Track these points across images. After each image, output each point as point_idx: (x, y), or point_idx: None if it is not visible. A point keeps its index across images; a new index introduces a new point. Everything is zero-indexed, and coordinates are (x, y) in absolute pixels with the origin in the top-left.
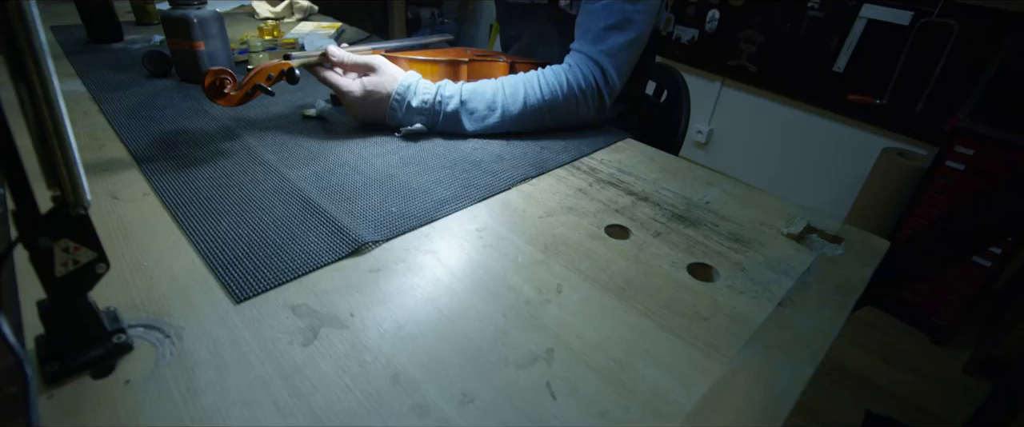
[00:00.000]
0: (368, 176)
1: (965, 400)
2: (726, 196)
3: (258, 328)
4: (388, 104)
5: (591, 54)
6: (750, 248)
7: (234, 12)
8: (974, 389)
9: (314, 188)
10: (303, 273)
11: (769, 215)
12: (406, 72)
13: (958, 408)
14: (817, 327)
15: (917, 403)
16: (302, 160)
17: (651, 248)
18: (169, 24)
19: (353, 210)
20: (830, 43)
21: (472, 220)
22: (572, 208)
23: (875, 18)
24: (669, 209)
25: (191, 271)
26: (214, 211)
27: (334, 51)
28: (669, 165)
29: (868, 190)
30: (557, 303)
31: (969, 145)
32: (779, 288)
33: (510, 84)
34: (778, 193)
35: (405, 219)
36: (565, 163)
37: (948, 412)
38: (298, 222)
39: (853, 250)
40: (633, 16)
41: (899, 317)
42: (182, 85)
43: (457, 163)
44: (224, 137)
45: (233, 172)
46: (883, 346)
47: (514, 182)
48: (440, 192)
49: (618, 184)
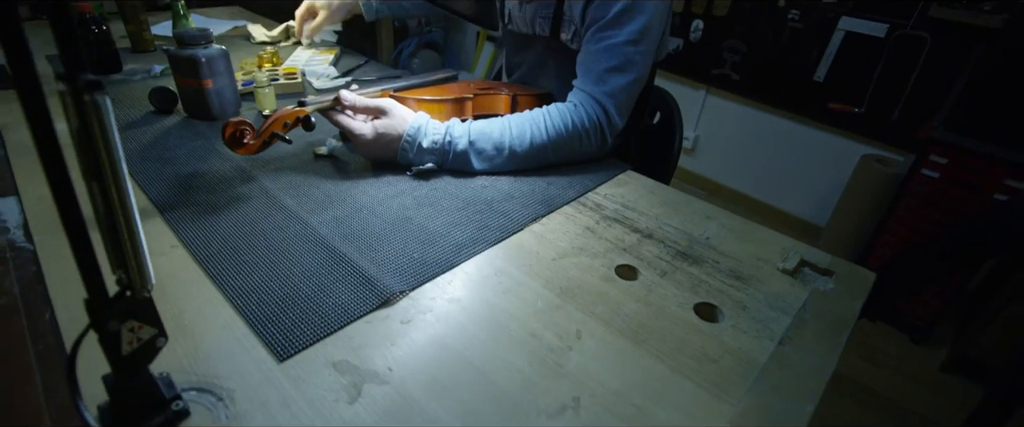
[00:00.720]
0: (386, 220)
1: (944, 398)
2: (724, 230)
3: (304, 387)
4: (399, 145)
5: (594, 94)
6: (749, 285)
7: (229, 35)
8: (952, 387)
9: (336, 234)
10: (338, 327)
11: (765, 249)
12: (416, 113)
13: (938, 406)
14: (814, 366)
15: (900, 402)
16: (320, 204)
17: (659, 289)
18: (177, 63)
19: (376, 258)
20: (810, 53)
21: (490, 264)
22: (582, 248)
23: (853, 30)
24: (673, 246)
25: (231, 329)
26: (244, 263)
27: (346, 96)
28: (669, 199)
29: (849, 195)
30: (578, 349)
31: (943, 155)
32: (778, 326)
33: (516, 124)
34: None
35: (427, 266)
36: (572, 199)
37: (931, 410)
38: (326, 273)
39: (843, 284)
40: (634, 58)
41: (881, 318)
42: (189, 121)
43: (469, 203)
44: (240, 179)
45: (255, 218)
46: (866, 346)
47: (525, 222)
48: (457, 235)
49: (623, 221)
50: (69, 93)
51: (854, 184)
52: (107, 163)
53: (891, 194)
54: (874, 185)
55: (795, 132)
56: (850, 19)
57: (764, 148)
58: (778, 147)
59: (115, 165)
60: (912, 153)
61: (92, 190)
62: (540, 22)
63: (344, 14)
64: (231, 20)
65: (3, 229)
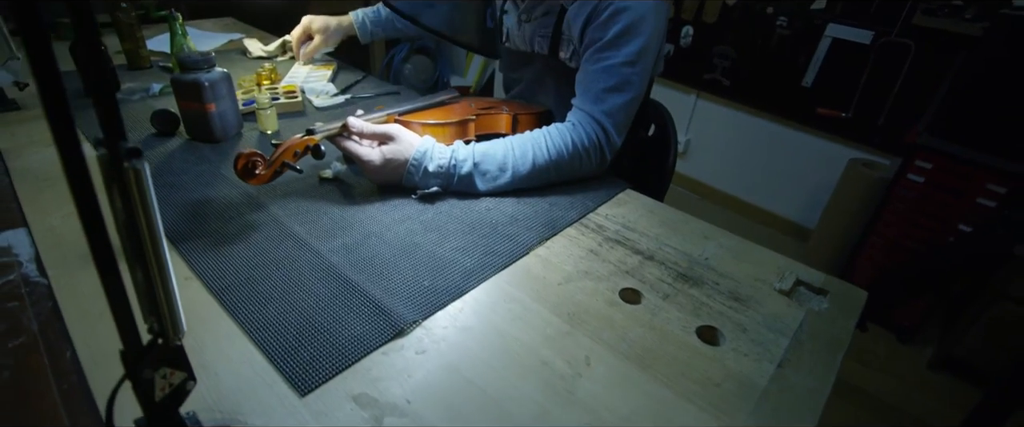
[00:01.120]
0: (395, 246)
1: (932, 396)
2: (722, 251)
3: (327, 422)
4: (405, 169)
5: (593, 114)
6: (748, 306)
7: (224, 50)
8: (939, 385)
9: (347, 263)
10: (356, 360)
11: (762, 270)
12: (421, 138)
13: (927, 404)
14: (812, 387)
15: (890, 401)
16: (329, 231)
17: (663, 312)
18: (180, 87)
19: (388, 286)
20: (798, 59)
21: (498, 290)
22: (587, 271)
23: (839, 37)
24: (673, 268)
25: (251, 363)
26: (259, 294)
27: (353, 123)
28: (668, 218)
29: (837, 198)
30: (587, 376)
31: (928, 159)
32: (777, 348)
33: (519, 145)
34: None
35: (437, 294)
36: (574, 220)
37: (919, 409)
38: (340, 303)
39: (837, 303)
40: (631, 78)
41: (869, 319)
42: (192, 144)
43: (475, 226)
44: (249, 206)
45: (266, 247)
46: (855, 347)
47: (531, 246)
48: (465, 261)
49: (625, 242)
50: (109, 160)
51: (842, 187)
52: (145, 225)
53: (878, 197)
54: (862, 189)
55: (784, 136)
56: (837, 26)
57: (754, 152)
58: (768, 151)
59: (153, 227)
60: (898, 157)
61: (127, 246)
62: (539, 41)
63: (340, 37)
64: (225, 33)
65: (16, 263)
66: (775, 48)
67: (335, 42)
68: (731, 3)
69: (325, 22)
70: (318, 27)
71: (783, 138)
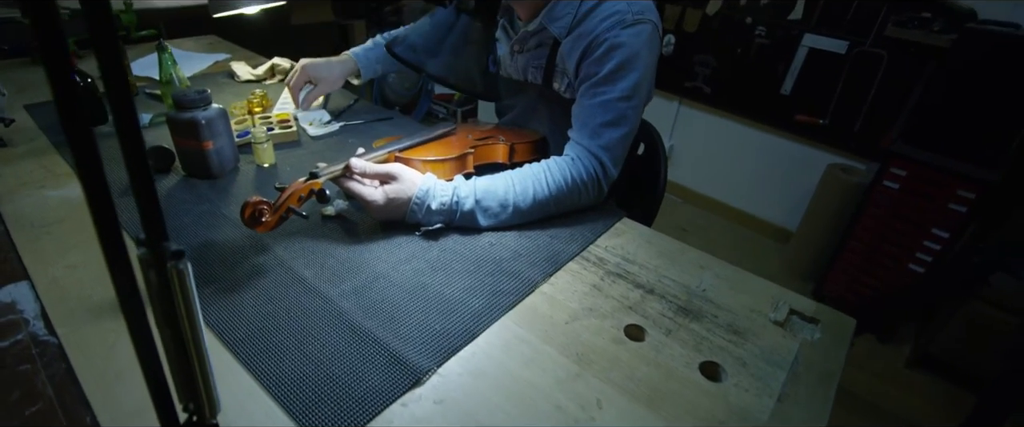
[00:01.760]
0: (403, 288)
1: (912, 394)
2: (718, 281)
3: None
4: (409, 207)
5: (591, 148)
6: (746, 339)
7: (210, 72)
8: (918, 382)
9: (357, 308)
10: (377, 412)
11: (757, 300)
12: (423, 175)
13: (907, 402)
14: (809, 421)
15: (870, 399)
16: (337, 274)
17: (666, 349)
18: (177, 126)
19: (400, 332)
20: (777, 68)
21: (508, 332)
22: (592, 308)
23: (815, 47)
24: (673, 301)
25: (272, 419)
26: (274, 347)
27: (356, 164)
28: (665, 249)
29: (817, 201)
30: (600, 420)
31: (902, 167)
32: (775, 382)
33: (519, 181)
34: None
35: (450, 338)
36: (575, 254)
37: (900, 407)
38: (355, 353)
39: (828, 333)
40: (627, 112)
41: None
42: (189, 181)
43: (480, 264)
44: (254, 250)
45: (276, 295)
46: None
47: (536, 282)
48: (474, 302)
49: (625, 276)
50: (152, 261)
51: (821, 192)
52: (186, 320)
53: (856, 202)
54: (840, 193)
55: (765, 142)
56: (813, 36)
57: (736, 157)
58: (749, 156)
59: (194, 323)
60: (874, 161)
61: (164, 334)
62: (532, 71)
63: (344, 79)
64: (210, 53)
65: (22, 321)
66: (754, 57)
67: (339, 85)
68: (711, 13)
69: (327, 66)
70: (320, 74)
71: (763, 144)
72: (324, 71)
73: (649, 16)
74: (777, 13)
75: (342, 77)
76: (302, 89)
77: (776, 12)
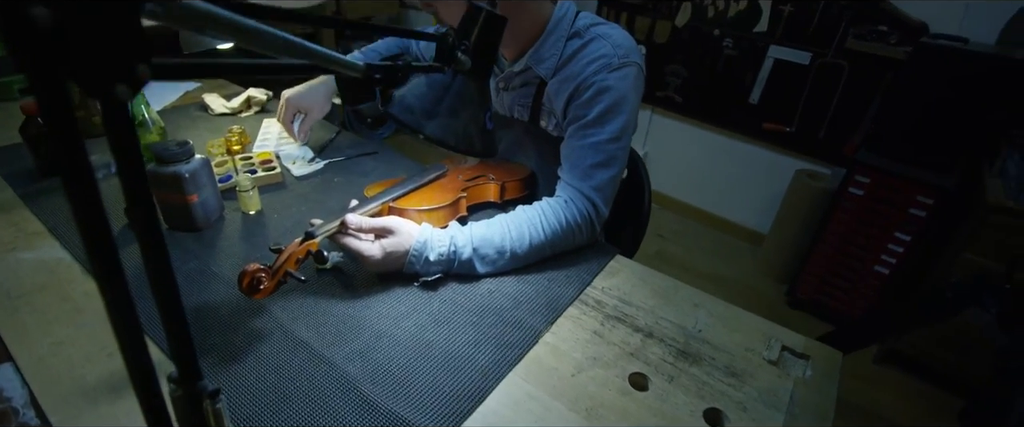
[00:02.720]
0: (408, 346)
1: (881, 389)
2: (713, 319)
3: None
4: (407, 260)
5: (582, 190)
6: (744, 382)
7: (181, 104)
8: (887, 378)
9: (364, 374)
10: None
11: (750, 338)
12: (420, 226)
13: (877, 397)
14: None
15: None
16: (339, 334)
17: (671, 398)
18: (158, 181)
19: (410, 398)
20: (745, 78)
21: (517, 388)
22: (595, 358)
23: (781, 58)
24: (672, 345)
25: None
26: (285, 425)
27: (352, 220)
28: (659, 287)
29: (786, 206)
30: None
31: (866, 174)
32: (775, 425)
33: (515, 226)
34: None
35: (460, 400)
36: (573, 298)
37: (870, 402)
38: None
39: (819, 370)
40: (616, 153)
41: (820, 318)
42: (173, 235)
43: (482, 314)
44: (250, 312)
45: (279, 363)
46: None
47: (539, 332)
48: (480, 358)
49: (624, 319)
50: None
51: (790, 197)
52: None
53: (823, 207)
54: (808, 198)
55: (735, 149)
56: (778, 48)
57: (708, 163)
58: (721, 162)
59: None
60: (839, 167)
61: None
62: (519, 110)
63: (331, 98)
64: (179, 82)
65: (11, 411)
66: (723, 67)
67: (328, 109)
68: (680, 25)
69: (311, 93)
70: (305, 102)
71: (734, 150)
72: (309, 99)
73: (634, 58)
74: (743, 25)
75: (328, 99)
76: (294, 121)
77: (742, 24)
